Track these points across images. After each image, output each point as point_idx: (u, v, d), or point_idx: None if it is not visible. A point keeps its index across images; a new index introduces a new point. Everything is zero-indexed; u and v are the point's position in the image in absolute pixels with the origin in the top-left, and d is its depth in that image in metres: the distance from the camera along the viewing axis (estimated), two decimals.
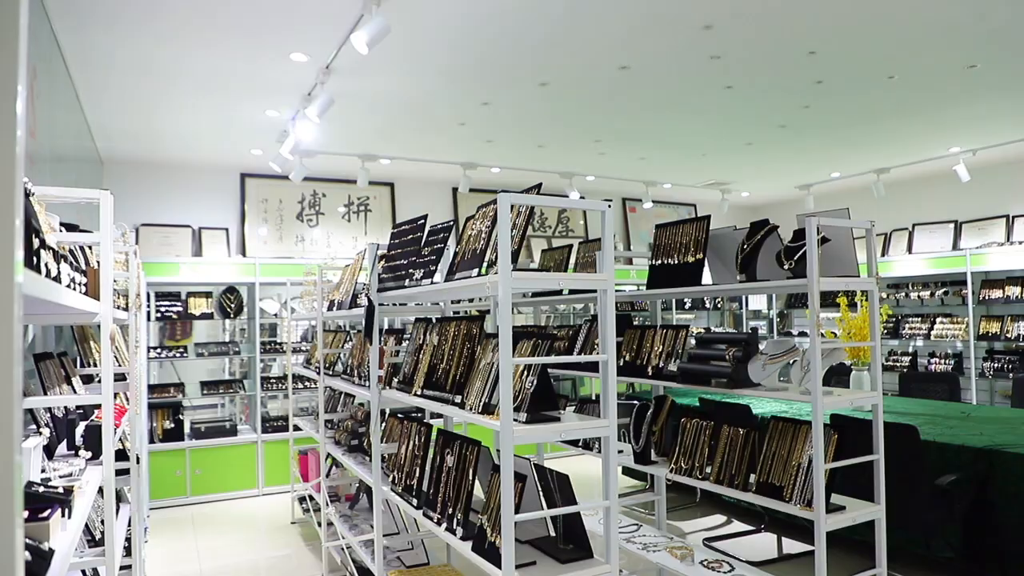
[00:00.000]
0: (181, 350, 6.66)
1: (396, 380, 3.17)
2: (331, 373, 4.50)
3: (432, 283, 2.71)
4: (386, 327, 5.53)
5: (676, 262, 3.17)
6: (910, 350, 7.86)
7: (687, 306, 8.80)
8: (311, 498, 5.40)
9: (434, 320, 3.07)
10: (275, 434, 6.60)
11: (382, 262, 3.29)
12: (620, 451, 3.92)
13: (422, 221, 3.10)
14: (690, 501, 5.75)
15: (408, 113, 5.49)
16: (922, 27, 4.06)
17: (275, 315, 7.06)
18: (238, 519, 5.85)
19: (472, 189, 7.24)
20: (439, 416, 3.48)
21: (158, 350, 6.51)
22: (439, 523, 2.55)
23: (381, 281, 3.23)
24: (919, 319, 7.73)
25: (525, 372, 2.29)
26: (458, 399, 2.52)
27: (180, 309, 6.58)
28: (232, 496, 6.42)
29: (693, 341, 3.23)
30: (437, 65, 4.52)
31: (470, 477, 2.48)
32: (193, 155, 6.64)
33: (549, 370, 4.76)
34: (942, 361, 7.44)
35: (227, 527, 5.63)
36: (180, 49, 4.18)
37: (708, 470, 3.12)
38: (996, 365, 6.96)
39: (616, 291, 5.79)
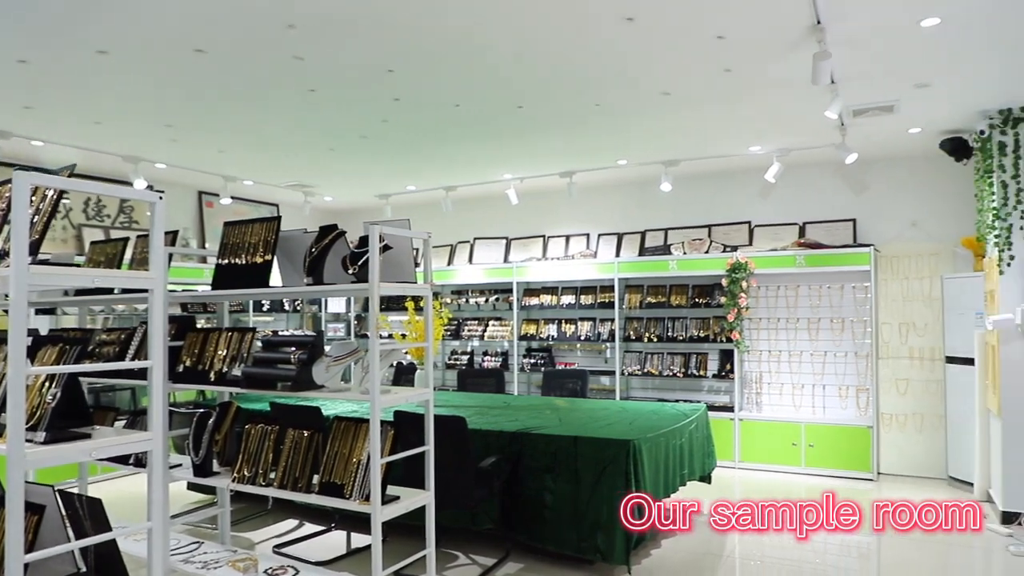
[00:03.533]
0: None
1: None
2: None
3: None
4: None
5: (244, 262, 3.05)
6: (468, 349, 8.86)
7: (265, 308, 8.58)
8: None
9: None
10: None
11: None
12: (178, 464, 3.62)
13: None
14: (262, 509, 5.59)
15: None
16: (478, 66, 4.60)
17: None
18: None
19: (4, 163, 5.98)
20: None
21: None
22: None
23: None
24: (476, 322, 8.78)
25: (48, 383, 1.95)
26: None
27: None
28: None
29: (260, 344, 3.15)
30: None
31: None
32: None
33: (100, 380, 4.18)
34: (493, 358, 8.56)
35: None
36: None
37: (272, 475, 3.06)
38: (532, 361, 8.26)
39: (185, 291, 5.36)
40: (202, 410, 3.51)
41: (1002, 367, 5.19)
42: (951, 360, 6.34)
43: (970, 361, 5.93)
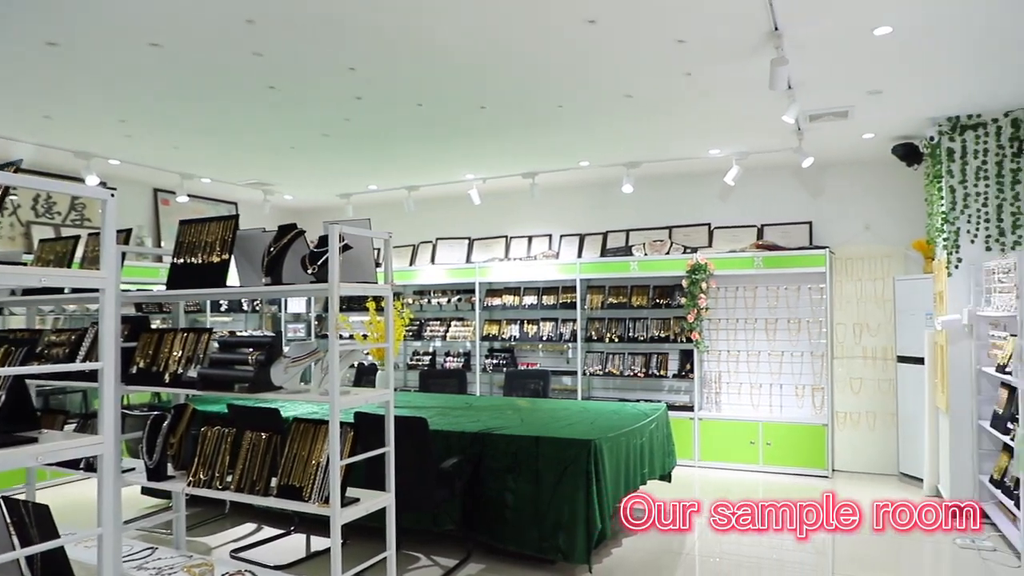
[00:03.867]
0: None
1: None
2: None
3: None
4: None
5: (200, 261, 2.99)
6: (431, 350, 8.82)
7: (223, 308, 8.42)
8: None
9: None
10: None
11: None
12: (131, 469, 3.54)
13: None
14: (219, 513, 5.49)
15: None
16: (441, 66, 4.58)
17: None
18: None
19: None
20: None
21: None
22: None
23: None
24: (439, 322, 8.75)
25: None
26: None
27: None
28: None
29: (217, 345, 3.09)
30: None
31: None
32: None
33: (50, 382, 4.06)
34: (455, 359, 8.53)
35: None
36: None
37: (229, 479, 3.00)
38: (494, 361, 8.26)
39: (140, 291, 5.23)
40: (156, 412, 3.43)
41: (950, 366, 5.35)
42: (902, 359, 6.52)
43: (920, 360, 6.10)
